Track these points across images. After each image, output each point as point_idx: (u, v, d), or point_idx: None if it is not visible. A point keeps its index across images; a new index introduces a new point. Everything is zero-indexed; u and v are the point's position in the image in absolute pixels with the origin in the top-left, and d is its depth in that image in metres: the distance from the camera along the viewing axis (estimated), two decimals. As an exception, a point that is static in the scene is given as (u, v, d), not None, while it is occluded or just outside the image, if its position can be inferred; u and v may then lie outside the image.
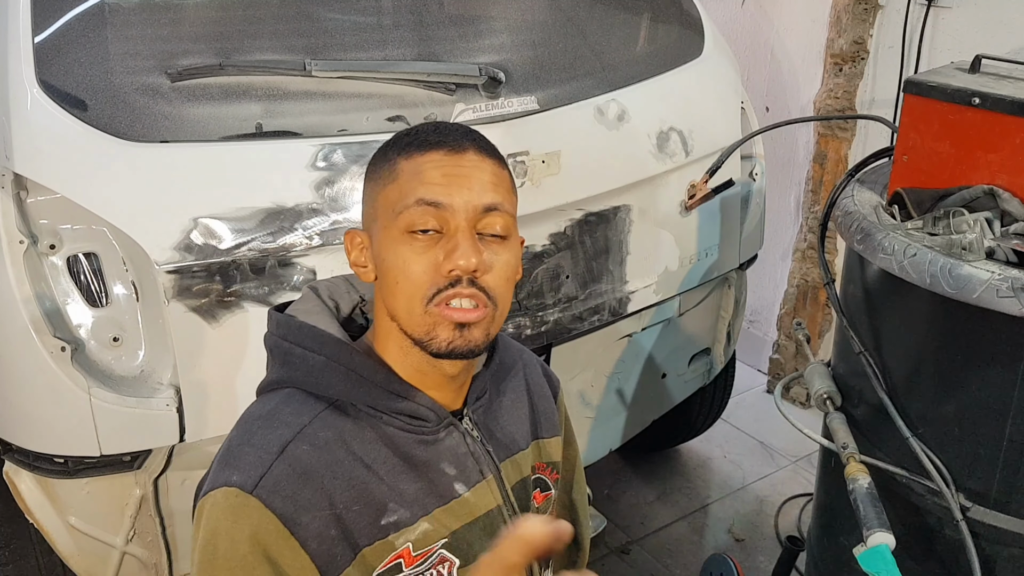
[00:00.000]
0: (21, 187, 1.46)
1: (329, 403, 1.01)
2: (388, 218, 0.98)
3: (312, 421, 0.99)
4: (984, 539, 1.49)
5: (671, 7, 2.21)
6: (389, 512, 0.99)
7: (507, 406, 1.16)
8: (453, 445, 1.06)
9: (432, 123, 1.03)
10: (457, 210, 0.96)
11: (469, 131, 1.02)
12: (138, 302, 1.52)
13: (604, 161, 1.90)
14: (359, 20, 1.79)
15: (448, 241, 0.96)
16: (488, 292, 0.97)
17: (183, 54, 1.56)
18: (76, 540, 1.63)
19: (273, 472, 0.94)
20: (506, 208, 0.99)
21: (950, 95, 1.51)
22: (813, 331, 3.12)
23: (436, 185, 0.96)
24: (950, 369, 1.48)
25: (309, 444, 0.97)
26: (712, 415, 2.79)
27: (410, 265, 0.96)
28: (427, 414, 1.03)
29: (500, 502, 1.09)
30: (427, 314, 0.96)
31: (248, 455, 0.95)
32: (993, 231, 1.45)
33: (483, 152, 1.00)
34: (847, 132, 2.90)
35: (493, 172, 0.99)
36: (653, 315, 2.19)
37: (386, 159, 1.01)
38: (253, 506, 0.92)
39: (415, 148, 0.98)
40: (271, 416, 1.00)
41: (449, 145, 0.98)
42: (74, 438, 1.50)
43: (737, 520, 2.65)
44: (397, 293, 0.98)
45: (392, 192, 0.98)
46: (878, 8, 2.72)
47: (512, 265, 1.01)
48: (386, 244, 0.98)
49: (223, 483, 0.94)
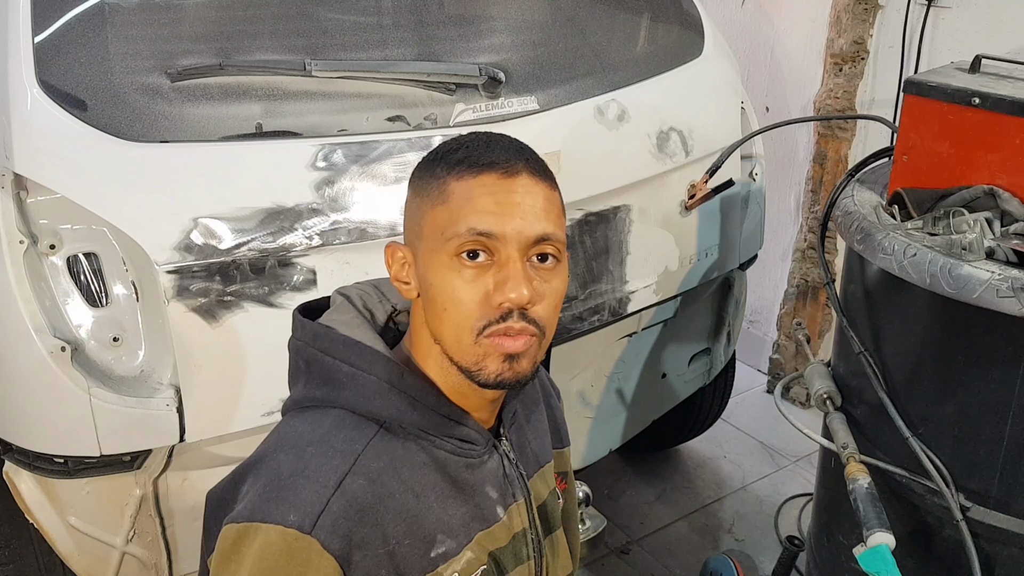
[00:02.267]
0: (21, 187, 1.46)
1: (379, 425, 0.98)
2: (436, 241, 0.94)
3: (365, 449, 0.95)
4: (984, 539, 1.49)
5: (671, 7, 2.21)
6: (438, 543, 0.98)
7: (533, 421, 1.16)
8: (494, 468, 1.05)
9: (483, 137, 0.99)
10: (509, 240, 0.93)
11: (520, 149, 0.98)
12: (138, 302, 1.52)
13: (604, 161, 1.90)
14: (359, 20, 1.79)
15: (499, 271, 0.93)
16: (538, 323, 0.95)
17: (183, 54, 1.56)
18: (76, 540, 1.63)
19: (331, 510, 0.90)
20: (558, 236, 0.96)
21: (950, 95, 1.51)
22: (813, 331, 3.12)
23: (488, 214, 0.92)
24: (950, 369, 1.48)
25: (364, 478, 0.94)
26: (712, 415, 2.79)
27: (459, 293, 0.93)
28: (477, 438, 1.02)
29: (527, 524, 1.08)
30: (477, 345, 0.94)
31: (304, 489, 0.91)
32: (993, 231, 1.45)
33: (536, 175, 0.96)
34: (847, 132, 2.90)
35: (545, 197, 0.96)
36: (653, 315, 2.19)
37: (434, 176, 0.97)
38: (314, 549, 0.89)
39: (466, 168, 0.94)
40: (324, 442, 0.95)
41: (502, 167, 0.94)
42: (74, 438, 1.50)
43: (737, 520, 2.65)
44: (445, 320, 0.95)
45: (441, 214, 0.94)
46: (878, 8, 2.72)
47: (561, 291, 0.98)
48: (433, 268, 0.95)
49: (279, 520, 0.89)
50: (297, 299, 1.57)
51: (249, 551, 0.89)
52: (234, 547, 0.91)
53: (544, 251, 0.95)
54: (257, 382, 1.56)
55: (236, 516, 0.92)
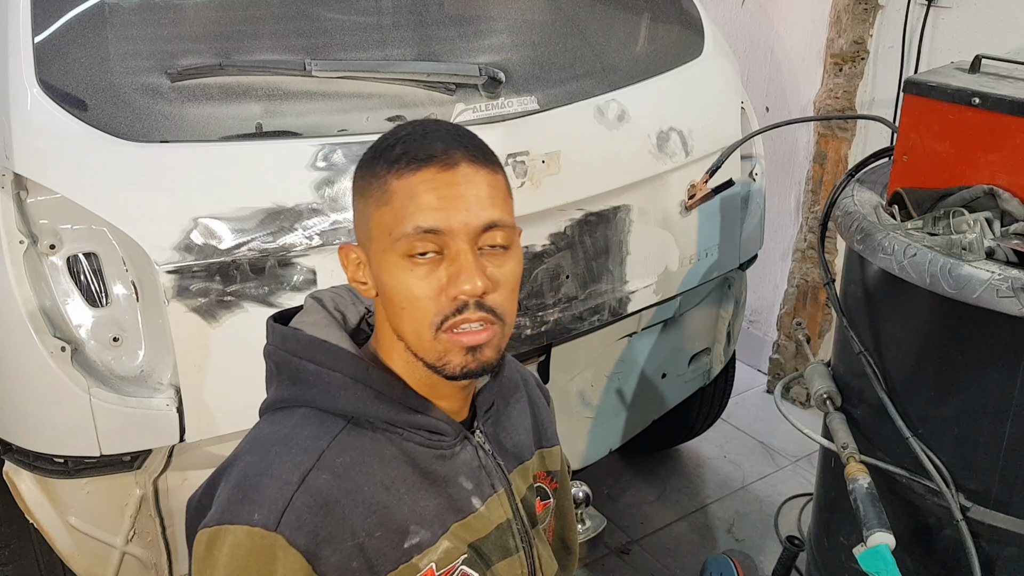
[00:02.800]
0: (21, 187, 1.46)
1: (346, 421, 0.99)
2: (385, 241, 0.95)
3: (330, 445, 0.96)
4: (984, 539, 1.49)
5: (671, 7, 2.21)
6: (411, 534, 0.98)
7: (513, 416, 1.16)
8: (468, 459, 1.05)
9: (419, 129, 0.98)
10: (457, 233, 0.93)
11: (457, 136, 0.97)
12: (138, 302, 1.52)
13: (604, 161, 1.90)
14: (359, 20, 1.79)
15: (451, 264, 0.93)
16: (496, 311, 0.95)
17: (183, 54, 1.56)
18: (76, 540, 1.63)
19: (295, 505, 0.91)
20: (506, 221, 0.96)
21: (950, 95, 1.50)
22: (813, 331, 3.12)
23: (433, 210, 0.92)
24: (950, 369, 1.48)
25: (329, 472, 0.94)
26: (712, 415, 2.79)
27: (414, 291, 0.93)
28: (446, 428, 1.02)
29: (510, 515, 1.08)
30: (437, 340, 0.94)
31: (268, 488, 0.92)
32: (993, 231, 1.45)
33: (475, 162, 0.95)
34: (847, 132, 2.90)
35: (488, 183, 0.96)
36: (653, 315, 2.19)
37: (375, 175, 0.96)
38: (279, 546, 0.90)
39: (405, 166, 0.94)
40: (288, 441, 0.97)
41: (440, 160, 0.93)
42: (74, 438, 1.50)
43: (737, 520, 2.65)
44: (404, 318, 0.95)
45: (386, 215, 0.94)
46: (878, 8, 2.72)
47: (517, 274, 0.98)
48: (386, 268, 0.95)
49: (245, 520, 0.91)
50: (297, 299, 1.56)
51: (221, 554, 0.91)
52: (207, 552, 0.93)
53: (496, 239, 0.95)
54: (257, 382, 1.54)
55: (207, 521, 0.94)
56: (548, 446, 1.22)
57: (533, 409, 1.21)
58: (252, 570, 0.90)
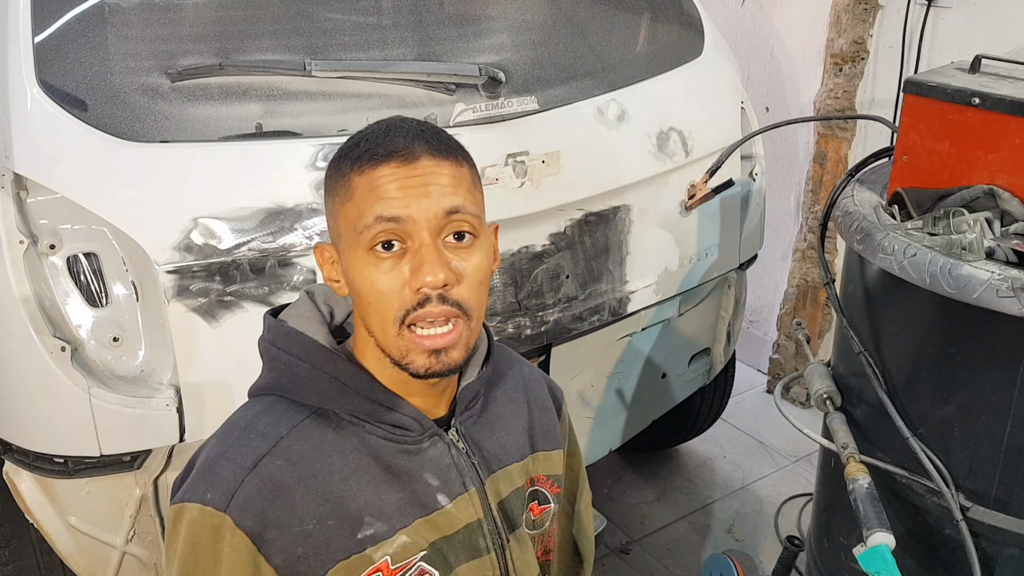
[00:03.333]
0: (21, 187, 1.46)
1: (312, 411, 1.01)
2: (351, 237, 0.95)
3: (290, 432, 0.99)
4: (984, 539, 1.49)
5: (671, 7, 2.21)
6: (366, 525, 0.99)
7: (502, 416, 1.14)
8: (437, 456, 1.05)
9: (382, 126, 0.98)
10: (418, 221, 0.93)
11: (419, 132, 0.97)
12: (138, 302, 1.52)
13: (604, 161, 1.90)
14: (359, 20, 1.79)
15: (414, 256, 0.93)
16: (461, 304, 0.95)
17: (183, 54, 1.56)
18: (76, 540, 1.63)
19: (244, 488, 0.94)
20: (469, 209, 0.95)
21: (950, 95, 1.51)
22: (813, 331, 3.12)
23: (392, 200, 0.93)
24: (950, 369, 1.48)
25: (283, 459, 0.97)
26: (712, 415, 2.79)
27: (378, 285, 0.94)
28: (410, 423, 1.02)
29: (481, 516, 1.07)
30: (400, 337, 0.95)
31: (223, 470, 0.96)
32: (993, 231, 1.45)
33: (437, 154, 0.96)
34: (847, 132, 2.90)
35: (451, 174, 0.96)
36: (653, 315, 2.19)
37: (340, 174, 0.97)
38: (227, 525, 0.94)
39: (366, 162, 0.95)
40: (249, 427, 1.00)
41: (400, 155, 0.94)
42: (74, 438, 1.50)
43: (737, 520, 2.65)
44: (371, 313, 0.96)
45: (351, 211, 0.95)
46: (878, 8, 2.72)
47: (484, 267, 0.98)
48: (353, 264, 0.96)
49: (199, 499, 0.95)
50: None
51: (181, 528, 0.96)
52: (173, 526, 0.98)
53: (459, 228, 0.95)
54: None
55: (175, 498, 0.99)
56: (548, 449, 1.20)
57: (532, 410, 1.19)
58: (203, 546, 0.95)
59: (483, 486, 1.08)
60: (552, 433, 1.21)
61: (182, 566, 0.96)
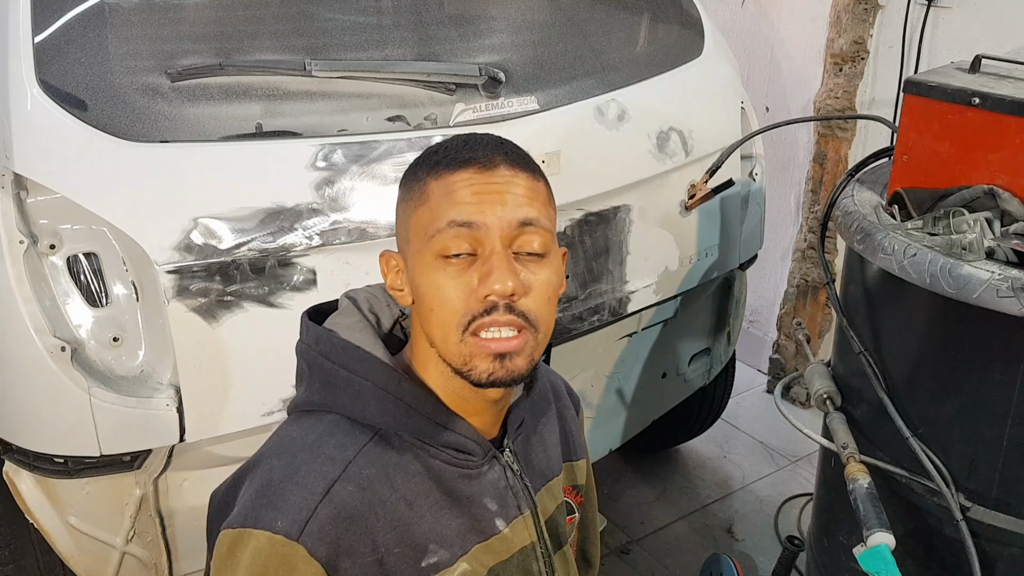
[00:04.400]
0: (21, 187, 1.46)
1: (374, 432, 0.98)
2: (421, 242, 0.94)
3: (357, 456, 0.95)
4: (984, 539, 1.49)
5: (671, 7, 2.21)
6: (430, 553, 0.96)
7: (542, 432, 1.13)
8: (495, 479, 1.03)
9: (461, 138, 0.98)
10: (491, 228, 0.92)
11: (500, 143, 0.97)
12: (138, 302, 1.52)
13: (604, 161, 1.90)
14: (359, 20, 1.79)
15: (483, 264, 0.92)
16: (528, 316, 0.93)
17: (183, 54, 1.56)
18: (76, 540, 1.63)
19: (318, 516, 0.91)
20: (543, 223, 0.95)
21: (950, 95, 1.50)
22: (813, 331, 3.12)
23: (467, 204, 0.92)
24: (950, 369, 1.48)
25: (354, 484, 0.94)
26: (712, 415, 2.79)
27: (444, 291, 0.92)
28: (474, 448, 1.00)
29: (535, 539, 1.06)
30: (463, 343, 0.93)
31: (293, 495, 0.92)
32: (993, 231, 1.45)
33: (515, 165, 0.95)
34: (847, 132, 2.90)
35: (527, 186, 0.95)
36: (653, 315, 2.19)
37: (416, 179, 0.97)
38: (300, 556, 0.89)
39: (444, 167, 0.94)
40: (316, 448, 0.96)
41: (479, 162, 0.94)
42: (74, 438, 1.50)
43: (737, 520, 2.65)
44: (433, 320, 0.94)
45: (423, 215, 0.94)
46: (878, 8, 2.72)
47: (553, 284, 0.96)
48: (420, 269, 0.94)
49: (267, 527, 0.90)
50: (297, 299, 1.57)
51: (243, 556, 0.91)
52: (229, 552, 0.92)
53: (531, 240, 0.94)
54: (257, 382, 1.56)
55: (231, 522, 0.93)
56: (575, 459, 1.19)
57: (562, 423, 1.18)
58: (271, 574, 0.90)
59: (535, 507, 1.07)
60: (578, 442, 1.20)
61: None
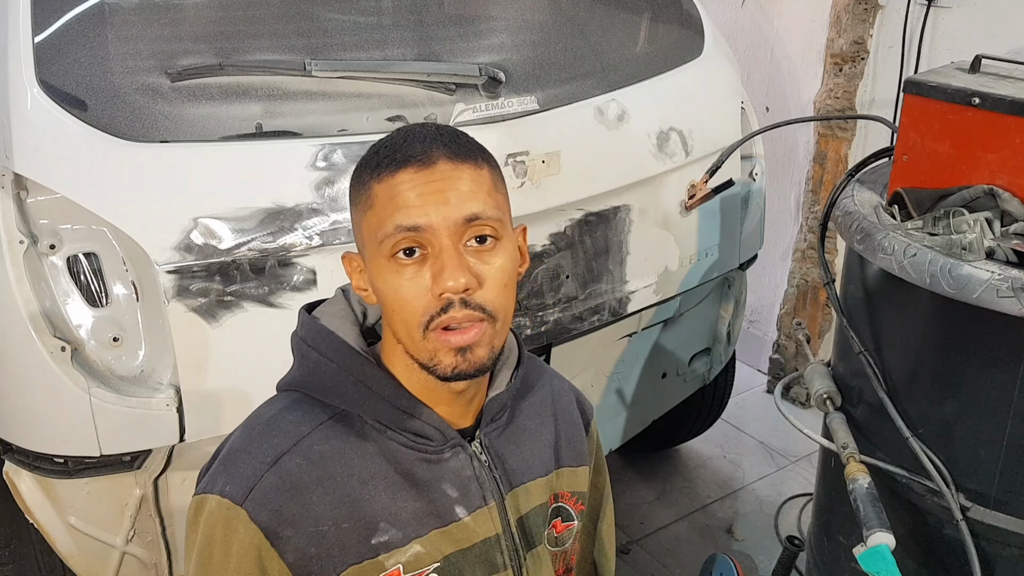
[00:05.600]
0: (21, 187, 1.46)
1: (335, 412, 1.01)
2: (373, 246, 0.95)
3: (312, 432, 0.99)
4: (984, 539, 1.49)
5: (671, 7, 2.21)
6: (380, 532, 0.98)
7: (527, 429, 1.13)
8: (458, 467, 1.03)
9: (400, 134, 0.98)
10: (437, 229, 0.92)
11: (437, 135, 0.97)
12: (138, 302, 1.52)
13: (604, 161, 1.90)
14: (359, 20, 1.79)
15: (435, 262, 0.93)
16: (484, 307, 0.94)
17: (183, 54, 1.56)
18: (76, 540, 1.63)
19: (263, 484, 0.95)
20: (489, 213, 0.95)
21: (950, 95, 1.50)
22: (813, 331, 3.12)
23: (411, 208, 0.92)
24: (950, 369, 1.48)
25: (303, 457, 0.97)
26: (712, 415, 2.79)
27: (401, 293, 0.94)
28: (432, 432, 1.01)
29: (500, 531, 1.06)
30: (426, 340, 0.94)
31: (243, 463, 0.97)
32: (993, 231, 1.45)
33: (455, 159, 0.95)
34: (847, 132, 2.90)
35: (470, 178, 0.95)
36: (653, 315, 2.19)
37: (361, 183, 0.97)
38: (242, 519, 0.94)
39: (385, 169, 0.94)
40: (272, 422, 1.00)
41: (418, 160, 0.94)
42: (74, 438, 1.50)
43: (737, 520, 2.65)
44: (396, 320, 0.96)
45: (372, 219, 0.95)
46: (878, 8, 2.72)
47: (508, 269, 0.96)
48: (376, 272, 0.96)
49: (218, 491, 0.96)
50: (297, 299, 1.57)
51: (200, 519, 0.97)
52: (194, 516, 0.99)
53: (480, 232, 0.94)
54: (257, 382, 1.56)
55: (197, 490, 1.00)
56: (574, 465, 1.18)
57: (558, 425, 1.17)
58: (217, 538, 0.95)
59: (503, 501, 1.07)
60: (578, 449, 1.20)
61: (198, 557, 0.97)
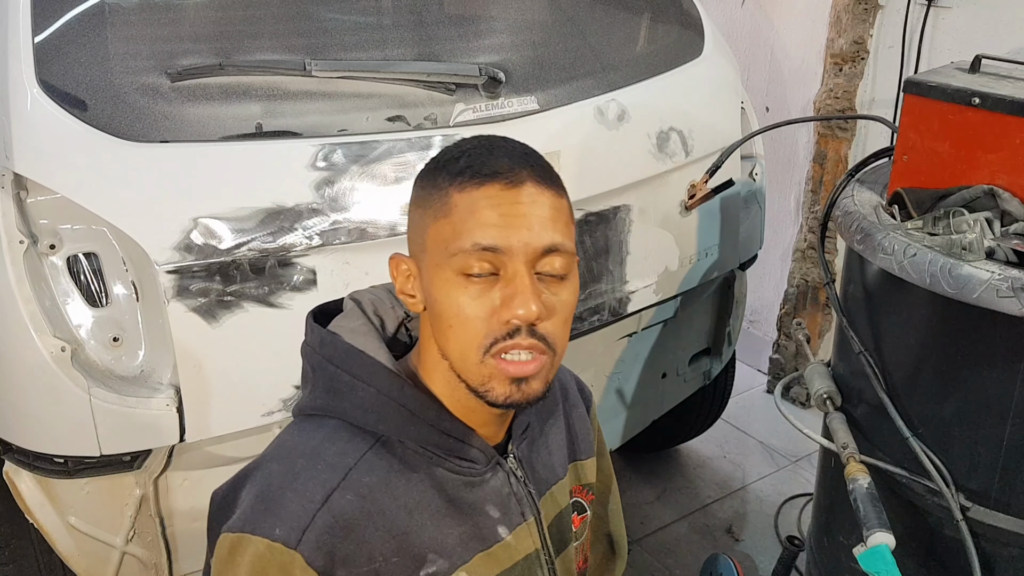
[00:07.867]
0: (21, 187, 1.46)
1: (376, 439, 0.96)
2: (440, 255, 0.91)
3: (357, 464, 0.94)
4: (984, 539, 1.49)
5: (671, 7, 2.21)
6: (428, 563, 0.95)
7: (548, 435, 1.12)
8: (498, 486, 1.02)
9: (485, 143, 0.95)
10: (515, 253, 0.89)
11: (525, 155, 0.94)
12: (138, 302, 1.52)
13: (604, 161, 1.90)
14: (359, 20, 1.79)
15: (506, 286, 0.90)
16: (547, 339, 0.91)
17: (183, 54, 1.56)
18: (76, 540, 1.63)
19: (316, 525, 0.90)
20: (567, 247, 0.92)
21: (950, 95, 1.51)
22: (813, 331, 3.12)
23: (493, 227, 0.89)
24: (950, 369, 1.48)
25: (353, 493, 0.93)
26: (712, 415, 2.79)
27: (465, 311, 0.90)
28: (478, 455, 0.99)
29: (538, 546, 1.05)
30: (483, 364, 0.91)
31: (291, 503, 0.91)
32: (993, 231, 1.45)
33: (541, 183, 0.92)
34: (847, 132, 2.90)
35: (552, 206, 0.92)
36: (653, 315, 2.19)
37: (437, 187, 0.93)
38: (298, 563, 0.89)
39: (469, 180, 0.90)
40: (316, 455, 0.95)
41: (505, 177, 0.90)
42: (74, 438, 1.50)
43: (737, 520, 2.65)
44: (451, 337, 0.92)
45: (444, 228, 0.91)
46: (878, 8, 2.72)
47: (572, 304, 0.94)
48: (438, 283, 0.92)
49: (266, 534, 0.90)
50: (297, 299, 1.57)
51: (242, 561, 0.91)
52: (229, 556, 0.92)
53: (553, 262, 0.92)
54: (257, 382, 1.57)
55: (231, 526, 0.93)
56: (583, 458, 1.18)
57: (568, 422, 1.16)
58: None
59: (539, 513, 1.05)
60: (587, 440, 1.19)
61: None
